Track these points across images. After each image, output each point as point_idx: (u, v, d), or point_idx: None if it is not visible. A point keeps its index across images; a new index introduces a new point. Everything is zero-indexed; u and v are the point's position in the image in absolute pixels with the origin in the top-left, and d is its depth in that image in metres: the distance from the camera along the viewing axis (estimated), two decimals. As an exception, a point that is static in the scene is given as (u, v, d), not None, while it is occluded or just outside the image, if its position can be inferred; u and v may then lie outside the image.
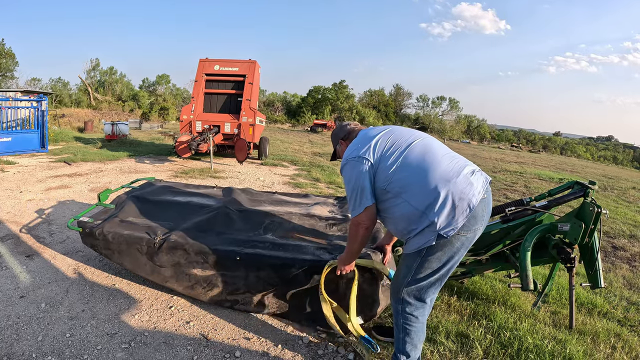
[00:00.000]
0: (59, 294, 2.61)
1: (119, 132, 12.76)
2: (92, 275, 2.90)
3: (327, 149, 14.83)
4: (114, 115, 24.61)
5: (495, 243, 2.77)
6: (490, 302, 2.82)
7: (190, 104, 9.44)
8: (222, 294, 2.50)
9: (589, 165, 26.79)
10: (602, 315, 2.90)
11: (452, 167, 1.74)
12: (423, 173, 1.72)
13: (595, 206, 2.36)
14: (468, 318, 2.57)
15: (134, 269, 2.62)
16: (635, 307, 3.09)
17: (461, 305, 2.72)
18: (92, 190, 5.73)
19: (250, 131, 9.16)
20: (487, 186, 1.78)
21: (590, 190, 2.56)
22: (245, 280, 2.44)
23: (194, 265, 2.49)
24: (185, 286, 2.53)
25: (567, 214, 2.57)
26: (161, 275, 2.56)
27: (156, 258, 2.54)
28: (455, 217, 1.65)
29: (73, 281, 2.79)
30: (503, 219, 2.68)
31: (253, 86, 9.61)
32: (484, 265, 2.80)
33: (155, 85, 42.10)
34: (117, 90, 36.67)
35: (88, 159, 8.49)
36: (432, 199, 1.66)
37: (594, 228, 2.41)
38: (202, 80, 9.67)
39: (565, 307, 2.91)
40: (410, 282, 1.79)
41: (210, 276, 2.49)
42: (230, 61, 9.92)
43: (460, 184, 1.68)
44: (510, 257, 2.71)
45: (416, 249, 1.74)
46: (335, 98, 43.44)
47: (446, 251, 1.72)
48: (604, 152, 59.92)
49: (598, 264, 2.52)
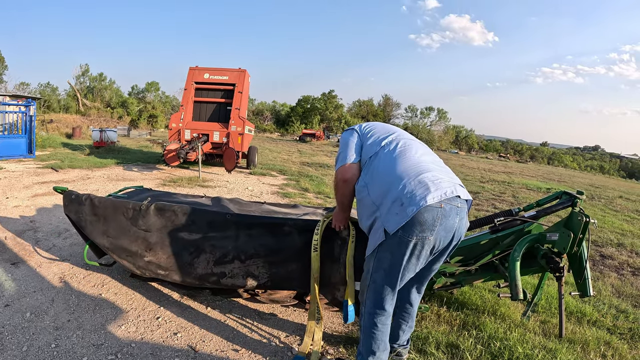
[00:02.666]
0: (44, 303, 2.54)
1: (107, 139, 12.64)
2: (78, 284, 2.84)
3: (315, 159, 14.86)
4: (103, 122, 24.41)
5: (484, 253, 2.78)
6: (479, 312, 2.82)
7: (180, 112, 9.41)
8: (209, 264, 2.37)
9: (576, 174, 27.28)
10: (592, 323, 2.92)
11: (415, 168, 1.75)
12: (389, 168, 1.80)
13: (584, 216, 2.40)
14: (458, 328, 2.57)
15: (117, 237, 2.54)
16: (625, 315, 3.13)
17: (451, 316, 2.72)
18: (80, 197, 5.64)
19: (239, 140, 9.15)
20: (454, 199, 1.70)
21: (578, 200, 2.60)
22: (235, 242, 2.34)
23: (181, 229, 2.40)
24: (169, 254, 2.41)
25: (555, 223, 2.60)
26: (145, 242, 2.45)
27: (142, 222, 2.46)
28: (399, 216, 1.65)
29: (59, 290, 2.73)
30: (492, 230, 2.70)
31: (242, 95, 9.62)
32: (474, 275, 2.81)
33: (144, 92, 42.01)
34: (106, 96, 36.52)
35: (75, 166, 8.37)
36: (385, 193, 1.74)
37: (582, 237, 2.44)
38: (191, 88, 9.65)
39: (554, 316, 2.93)
40: (370, 285, 1.84)
41: (198, 240, 2.38)
42: (220, 70, 9.92)
43: (412, 185, 1.68)
44: (500, 267, 2.73)
45: (372, 249, 1.81)
46: (324, 108, 43.79)
47: (394, 251, 1.71)
48: (591, 162, 61.13)
49: (587, 272, 2.55)
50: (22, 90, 32.82)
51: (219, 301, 2.75)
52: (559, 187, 13.07)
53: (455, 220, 1.72)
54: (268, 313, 2.66)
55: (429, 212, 1.63)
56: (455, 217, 1.72)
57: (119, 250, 2.58)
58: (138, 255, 2.52)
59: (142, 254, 2.49)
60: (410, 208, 1.63)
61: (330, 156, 16.89)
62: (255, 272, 2.36)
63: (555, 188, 12.18)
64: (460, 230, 1.77)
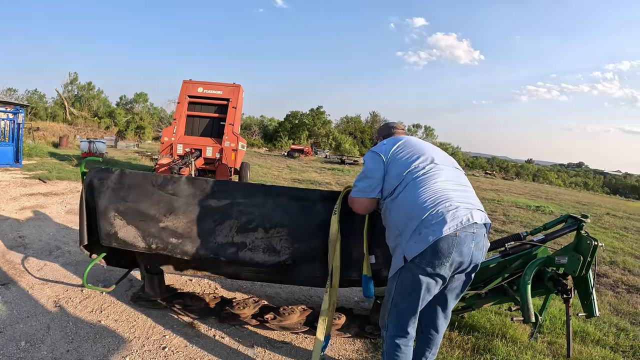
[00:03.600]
0: (39, 330, 2.41)
1: (96, 150, 12.38)
2: (75, 309, 2.71)
3: (306, 175, 14.81)
4: (90, 132, 24.01)
5: (493, 276, 2.80)
6: (489, 335, 2.81)
7: (172, 125, 9.25)
8: (232, 230, 2.37)
9: (562, 191, 27.80)
10: (595, 342, 2.96)
11: (435, 198, 1.80)
12: (411, 199, 1.84)
13: (593, 239, 2.43)
14: (471, 353, 2.55)
15: (136, 201, 2.43)
16: (625, 333, 3.17)
17: (462, 340, 2.70)
18: (69, 212, 5.47)
19: (232, 156, 9.02)
20: (470, 226, 1.75)
21: (583, 224, 2.65)
22: (261, 209, 2.38)
23: (210, 196, 2.41)
24: (190, 219, 2.39)
25: (563, 247, 2.63)
26: (168, 205, 2.41)
27: (171, 187, 2.44)
28: (417, 244, 1.74)
29: (54, 316, 2.59)
30: (502, 254, 2.72)
31: (236, 110, 9.53)
32: (484, 299, 2.81)
33: (132, 103, 41.55)
34: (93, 106, 35.96)
35: (64, 177, 8.15)
36: (406, 222, 1.81)
37: (591, 260, 2.47)
38: (184, 102, 9.51)
39: (559, 336, 2.95)
40: (391, 309, 1.88)
41: (225, 206, 2.40)
42: (214, 84, 9.83)
43: (430, 216, 1.75)
44: (509, 290, 2.73)
45: (393, 272, 1.87)
46: (312, 123, 43.85)
47: (414, 276, 1.78)
48: (575, 179, 62.48)
49: (593, 294, 2.57)
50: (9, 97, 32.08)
51: (226, 328, 2.65)
52: (547, 204, 13.27)
53: (470, 245, 1.78)
54: (279, 341, 2.58)
55: (444, 242, 1.72)
56: (470, 243, 1.78)
57: (133, 214, 2.44)
58: (154, 220, 2.42)
59: (159, 218, 2.41)
60: (427, 238, 1.73)
61: (320, 172, 16.88)
62: (277, 246, 2.35)
63: (544, 205, 12.37)
64: (475, 254, 1.82)
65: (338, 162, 25.01)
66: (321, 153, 32.16)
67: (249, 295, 3.25)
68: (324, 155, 30.77)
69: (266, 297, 3.25)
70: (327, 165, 22.33)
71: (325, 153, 32.87)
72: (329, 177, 15.25)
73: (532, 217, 9.63)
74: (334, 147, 40.78)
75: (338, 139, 42.53)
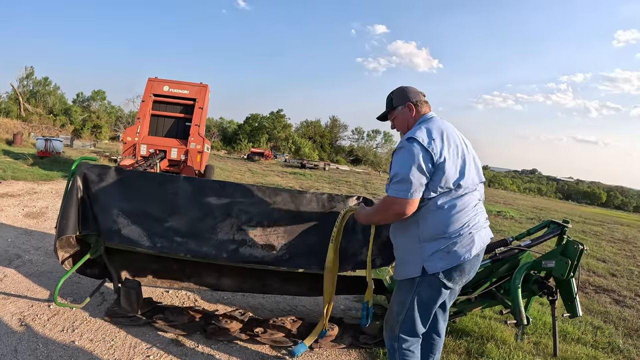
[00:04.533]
0: (6, 354, 2.13)
1: (53, 149, 11.60)
2: (44, 328, 2.44)
3: (268, 179, 14.62)
4: (45, 130, 22.59)
5: (481, 281, 2.84)
6: (479, 339, 2.85)
7: (136, 125, 8.81)
8: (232, 228, 2.44)
9: (518, 197, 29.09)
10: (576, 341, 3.09)
11: (467, 218, 1.75)
12: (446, 215, 1.72)
13: (579, 244, 2.51)
14: (466, 357, 2.56)
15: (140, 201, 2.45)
16: (600, 331, 3.35)
17: (456, 345, 2.71)
18: (27, 215, 5.04)
19: (198, 158, 8.74)
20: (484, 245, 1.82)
21: (566, 229, 2.75)
22: (260, 208, 2.47)
23: (211, 194, 2.47)
24: (193, 217, 2.43)
25: (550, 251, 2.71)
26: (170, 204, 2.45)
27: (170, 186, 2.48)
28: (443, 261, 1.71)
29: (21, 336, 2.31)
30: (493, 259, 2.76)
31: (203, 111, 9.25)
32: (473, 303, 2.85)
33: (89, 100, 39.43)
34: (49, 102, 33.78)
35: (19, 177, 7.55)
36: (435, 237, 1.72)
37: (577, 264, 2.55)
38: (149, 100, 9.07)
39: (542, 336, 3.05)
40: (405, 319, 1.82)
41: (226, 204, 2.46)
42: (180, 83, 9.48)
43: (461, 238, 1.71)
44: (497, 294, 2.78)
45: (404, 277, 1.81)
46: (272, 127, 43.57)
47: (433, 289, 1.76)
48: (529, 184, 65.93)
49: (576, 295, 2.67)
50: (-41, 89, 29.47)
51: (213, 344, 2.49)
52: (507, 209, 13.76)
53: (480, 260, 1.87)
54: (273, 356, 2.46)
55: (469, 263, 1.75)
56: (480, 258, 1.86)
57: (138, 214, 2.45)
58: (158, 220, 2.45)
59: (163, 218, 2.44)
60: (457, 258, 1.70)
61: (282, 177, 16.57)
62: (275, 243, 2.46)
63: (505, 211, 12.85)
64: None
65: (298, 166, 24.79)
66: (281, 157, 32.00)
67: (232, 307, 3.09)
68: (283, 159, 30.55)
69: (250, 308, 3.11)
70: (288, 169, 22.12)
71: (285, 157, 32.68)
72: (292, 181, 15.13)
73: (495, 221, 10.00)
74: (294, 151, 40.68)
75: (298, 142, 42.25)
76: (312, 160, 28.70)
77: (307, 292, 3.12)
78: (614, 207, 49.28)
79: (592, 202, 50.86)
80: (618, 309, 4.06)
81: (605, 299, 4.41)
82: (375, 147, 51.64)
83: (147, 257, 2.87)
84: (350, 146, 52.07)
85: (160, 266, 2.95)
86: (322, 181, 16.72)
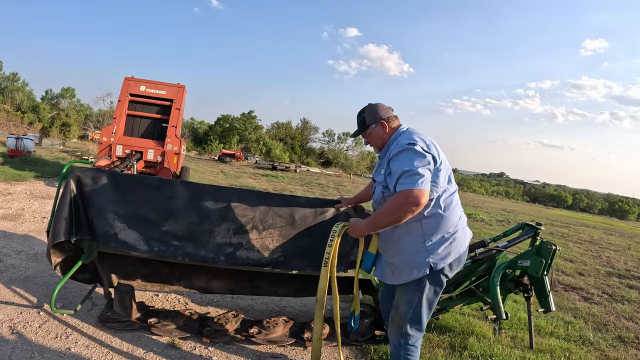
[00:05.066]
0: (-1, 364, 2.12)
1: (24, 148, 11.16)
2: (36, 335, 2.41)
3: (241, 181, 14.56)
4: (12, 127, 21.52)
5: (461, 280, 3.03)
6: (460, 334, 3.03)
7: (112, 125, 8.62)
8: (229, 232, 2.51)
9: (486, 200, 29.98)
10: (549, 334, 3.32)
11: (460, 213, 1.99)
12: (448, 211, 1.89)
13: (552, 244, 2.73)
14: (450, 351, 2.73)
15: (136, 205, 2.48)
16: (571, 325, 3.61)
17: (440, 340, 2.88)
18: (3, 217, 4.89)
19: (174, 160, 8.65)
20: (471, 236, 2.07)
21: (539, 230, 2.98)
22: (255, 213, 2.55)
23: (207, 198, 2.52)
24: (190, 222, 2.48)
25: (525, 251, 2.93)
26: (167, 209, 2.48)
27: (167, 190, 2.51)
28: (450, 257, 1.88)
29: (14, 345, 2.28)
30: (473, 259, 2.95)
31: (180, 112, 9.17)
32: (455, 301, 3.03)
33: (58, 98, 37.76)
34: (17, 99, 32.14)
35: (-11, 179, 7.22)
36: (439, 232, 1.86)
37: (550, 263, 2.77)
38: (125, 100, 8.89)
39: (518, 331, 3.27)
40: (413, 316, 1.93)
41: (222, 208, 2.52)
42: (157, 83, 9.35)
43: (459, 232, 1.93)
44: (476, 292, 2.97)
45: (410, 279, 1.87)
46: (243, 128, 43.17)
47: (437, 285, 1.91)
48: (497, 188, 67.70)
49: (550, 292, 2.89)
50: None
51: (210, 346, 2.53)
52: (477, 212, 14.27)
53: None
54: (269, 354, 2.54)
55: (464, 253, 1.97)
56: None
57: (134, 219, 2.47)
58: (155, 225, 2.47)
59: (160, 222, 2.47)
60: (457, 250, 1.90)
61: (255, 178, 16.54)
62: (270, 246, 2.55)
63: (475, 213, 13.33)
64: None
65: (270, 167, 24.71)
66: (252, 158, 31.82)
67: (223, 309, 3.15)
68: (254, 161, 30.38)
69: (240, 309, 3.17)
70: (260, 170, 22.00)
71: (256, 158, 32.48)
72: (265, 183, 15.13)
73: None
74: (265, 152, 40.54)
75: (269, 144, 42.08)
76: (283, 162, 28.65)
77: (294, 294, 3.22)
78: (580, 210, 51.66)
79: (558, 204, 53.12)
80: (587, 305, 4.36)
81: (574, 296, 4.73)
82: (346, 150, 51.56)
83: (137, 261, 2.89)
84: (320, 148, 51.82)
85: (150, 270, 2.97)
86: (294, 183, 16.75)
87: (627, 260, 7.85)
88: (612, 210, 52.93)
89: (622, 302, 4.66)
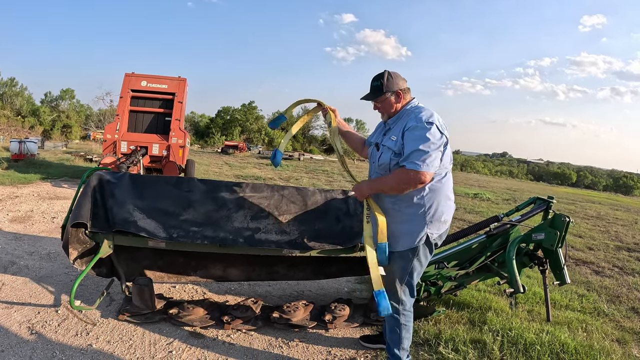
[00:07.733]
0: (24, 364, 2.10)
1: (28, 151, 11.17)
2: (56, 334, 2.40)
3: (247, 171, 14.52)
4: (13, 132, 21.53)
5: (476, 256, 3.02)
6: (478, 310, 3.04)
7: (115, 122, 8.60)
8: (246, 218, 2.64)
9: (490, 179, 29.89)
10: (565, 307, 3.33)
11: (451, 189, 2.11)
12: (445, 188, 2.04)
13: (566, 217, 2.71)
14: (470, 326, 2.75)
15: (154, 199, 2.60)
16: (585, 298, 3.63)
17: (459, 316, 2.89)
18: (13, 220, 4.89)
19: (180, 153, 8.65)
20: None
21: (552, 204, 2.96)
22: (269, 201, 2.71)
23: (223, 190, 2.68)
24: (208, 210, 2.61)
25: (539, 224, 2.91)
26: (186, 200, 2.61)
27: (186, 185, 2.68)
28: (442, 228, 2.05)
29: (34, 345, 2.27)
30: (488, 234, 2.94)
31: (182, 105, 9.15)
32: (472, 276, 3.02)
33: (58, 100, 37.71)
34: (17, 104, 32.11)
35: (-4, 182, 7.24)
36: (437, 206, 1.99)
37: (564, 235, 2.76)
38: (127, 96, 8.86)
39: (534, 304, 3.30)
40: (407, 283, 2.08)
41: (238, 199, 2.67)
42: (158, 77, 9.32)
43: (449, 205, 2.09)
44: (492, 267, 2.97)
45: (406, 247, 2.00)
46: (244, 119, 43.02)
47: (428, 253, 2.07)
48: (500, 167, 66.92)
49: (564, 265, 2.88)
50: None
51: (233, 334, 2.54)
52: (483, 192, 14.19)
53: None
54: (292, 338, 2.56)
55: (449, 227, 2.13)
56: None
57: (153, 211, 2.58)
58: (173, 215, 2.59)
59: (178, 212, 2.60)
60: (448, 222, 2.09)
61: (259, 168, 16.50)
62: (287, 229, 2.66)
63: (481, 193, 13.29)
64: None
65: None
66: (255, 149, 31.82)
67: (241, 297, 3.16)
68: (257, 151, 30.36)
69: (259, 296, 3.18)
70: (264, 160, 21.91)
71: (259, 148, 32.50)
72: (270, 172, 15.09)
73: (473, 203, 10.37)
74: (267, 142, 40.44)
75: (270, 134, 42.01)
76: (286, 151, 28.70)
77: (311, 276, 3.24)
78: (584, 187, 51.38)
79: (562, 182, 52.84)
80: (599, 279, 4.38)
81: (585, 270, 4.74)
82: (349, 136, 51.55)
83: (153, 254, 2.91)
84: (322, 135, 51.88)
85: (166, 262, 2.98)
86: (299, 171, 16.68)
87: (634, 234, 7.85)
88: (616, 186, 52.66)
89: (633, 275, 4.68)
